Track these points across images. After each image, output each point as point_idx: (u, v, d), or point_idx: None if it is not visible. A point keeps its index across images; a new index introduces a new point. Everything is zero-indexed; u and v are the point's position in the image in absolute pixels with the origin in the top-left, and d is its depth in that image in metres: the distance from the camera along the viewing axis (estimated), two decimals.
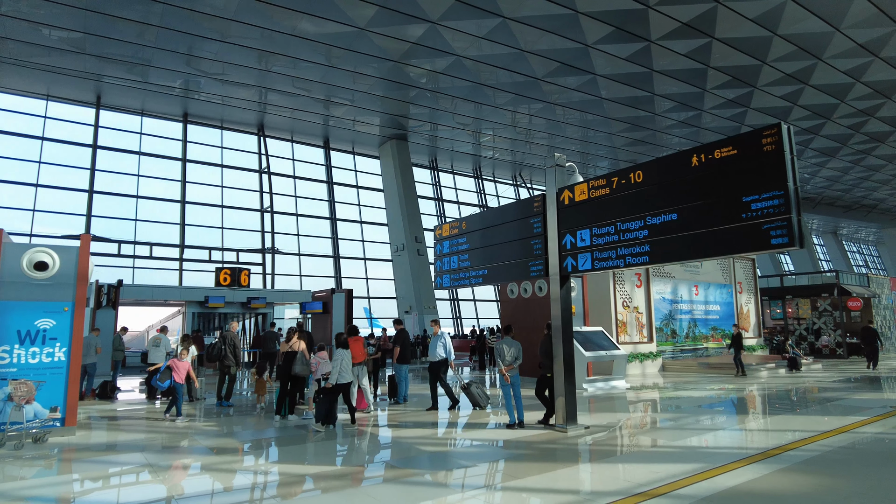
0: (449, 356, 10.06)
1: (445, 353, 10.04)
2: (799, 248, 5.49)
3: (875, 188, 39.25)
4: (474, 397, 9.91)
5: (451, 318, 31.28)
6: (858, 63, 20.47)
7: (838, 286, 20.89)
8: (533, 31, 17.70)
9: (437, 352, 10.04)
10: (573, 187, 7.80)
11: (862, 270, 52.67)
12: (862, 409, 9.48)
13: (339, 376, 8.27)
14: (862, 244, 59.93)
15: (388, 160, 29.19)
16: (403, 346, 10.60)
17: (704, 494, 5.01)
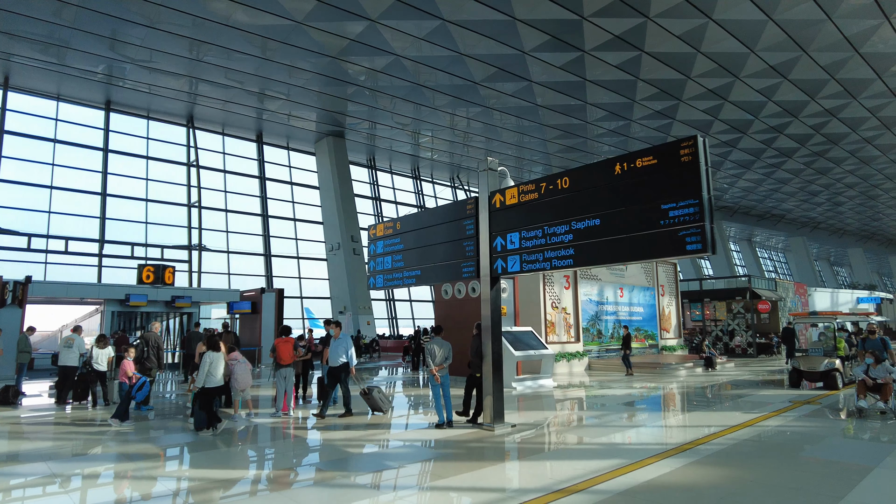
0: (350, 361, 9.39)
1: (347, 357, 9.36)
2: (711, 253, 5.84)
3: (784, 199, 42.28)
4: (375, 402, 9.37)
5: (386, 318, 31.14)
6: (770, 83, 22.01)
7: (750, 290, 22.38)
8: (471, 34, 17.91)
9: (338, 356, 9.32)
10: (504, 191, 7.96)
11: (772, 275, 56.59)
12: (765, 404, 10.18)
13: (206, 379, 7.98)
14: (772, 251, 64.40)
15: (324, 157, 28.70)
16: None
17: (622, 489, 5.23)
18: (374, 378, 16.75)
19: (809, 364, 12.26)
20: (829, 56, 19.90)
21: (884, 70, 21.17)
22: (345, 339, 9.51)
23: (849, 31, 18.28)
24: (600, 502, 4.87)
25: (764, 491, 5.21)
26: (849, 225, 53.48)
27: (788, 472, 5.87)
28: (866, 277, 62.45)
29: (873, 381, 8.90)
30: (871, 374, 8.99)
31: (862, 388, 8.98)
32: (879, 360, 9.10)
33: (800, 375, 12.32)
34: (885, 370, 8.87)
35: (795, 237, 55.07)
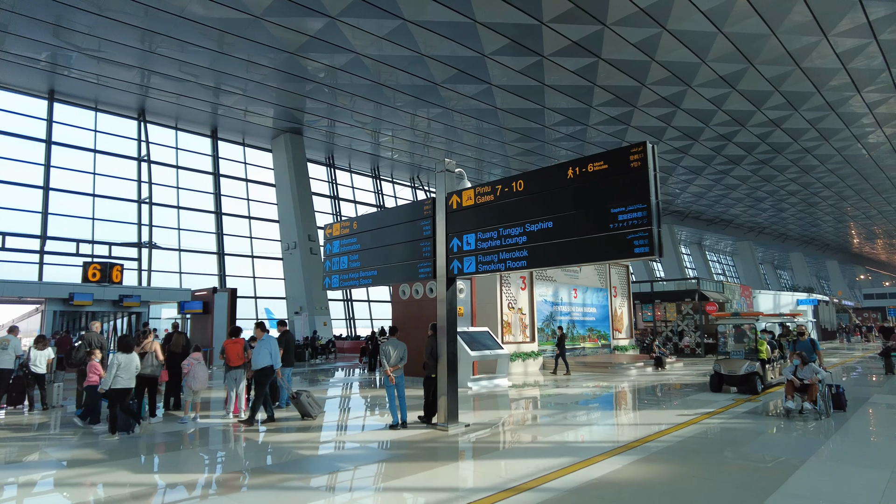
0: (275, 363, 8.92)
1: (271, 359, 8.90)
2: (658, 257, 6.04)
3: (732, 205, 43.99)
4: (303, 407, 8.98)
5: (344, 319, 30.85)
6: (720, 93, 22.87)
7: (699, 292, 23.19)
8: (433, 35, 17.95)
9: (260, 359, 8.83)
10: (461, 193, 8.02)
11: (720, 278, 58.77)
12: (711, 402, 10.57)
13: (113, 381, 7.78)
14: (721, 254, 66.91)
15: (281, 154, 28.21)
16: (287, 348, 10.28)
17: (571, 486, 5.35)
18: (329, 379, 16.58)
19: (730, 367, 11.76)
20: (773, 69, 20.83)
21: (822, 84, 22.30)
22: (267, 341, 8.98)
23: (791, 47, 19.18)
24: (550, 500, 4.97)
25: (709, 485, 5.43)
26: (791, 230, 56.08)
27: (730, 466, 6.13)
28: (806, 280, 65.60)
29: (800, 381, 8.99)
30: (799, 374, 9.07)
31: (790, 389, 9.07)
32: (806, 361, 9.19)
33: (720, 379, 11.87)
34: (812, 371, 8.96)
35: (742, 241, 57.37)
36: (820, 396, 8.83)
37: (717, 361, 12.25)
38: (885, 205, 45.66)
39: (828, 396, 9.01)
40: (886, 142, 29.97)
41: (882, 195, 42.23)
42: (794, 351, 10.40)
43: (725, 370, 11.75)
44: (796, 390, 9.03)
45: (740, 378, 11.54)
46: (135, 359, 8.07)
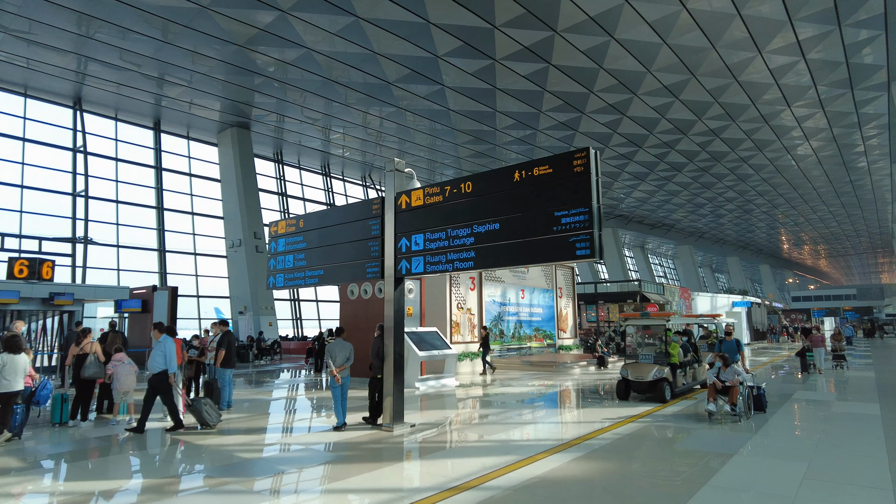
0: (169, 367, 8.15)
1: (165, 363, 8.15)
2: (598, 259, 6.22)
3: (673, 210, 45.74)
4: (201, 415, 8.27)
5: (290, 319, 30.26)
6: (664, 102, 23.74)
7: (641, 293, 23.99)
8: (386, 34, 17.85)
9: (155, 362, 8.16)
10: (410, 193, 8.02)
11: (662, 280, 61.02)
12: (649, 400, 10.94)
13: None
14: (662, 258, 69.44)
15: (227, 149, 27.39)
16: (228, 349, 10.00)
17: (513, 484, 5.44)
18: (274, 381, 16.24)
19: (638, 372, 10.78)
20: (713, 81, 21.79)
21: (757, 98, 23.50)
22: (162, 343, 8.26)
23: (729, 61, 20.12)
24: (491, 498, 5.04)
25: (647, 480, 5.64)
26: (728, 235, 58.82)
27: (663, 462, 6.38)
28: (741, 283, 68.95)
29: (722, 383, 8.92)
30: (721, 376, 8.98)
31: (712, 391, 8.95)
32: (728, 362, 9.08)
33: (627, 386, 10.93)
34: (734, 373, 8.89)
35: (683, 245, 59.72)
36: (741, 398, 8.76)
37: (625, 366, 11.18)
38: (812, 213, 48.56)
39: (748, 398, 8.98)
40: (813, 154, 31.86)
41: (809, 204, 44.88)
42: (718, 352, 10.05)
43: (633, 376, 10.79)
44: (718, 392, 8.94)
45: (648, 385, 10.59)
46: (21, 360, 7.56)
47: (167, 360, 8.16)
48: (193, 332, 17.58)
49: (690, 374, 11.90)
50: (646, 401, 10.62)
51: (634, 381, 10.72)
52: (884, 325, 46.31)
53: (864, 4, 17.05)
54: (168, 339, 8.39)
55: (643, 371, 10.72)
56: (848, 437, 7.43)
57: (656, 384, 10.53)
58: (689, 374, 11.83)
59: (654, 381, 10.53)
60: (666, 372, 10.64)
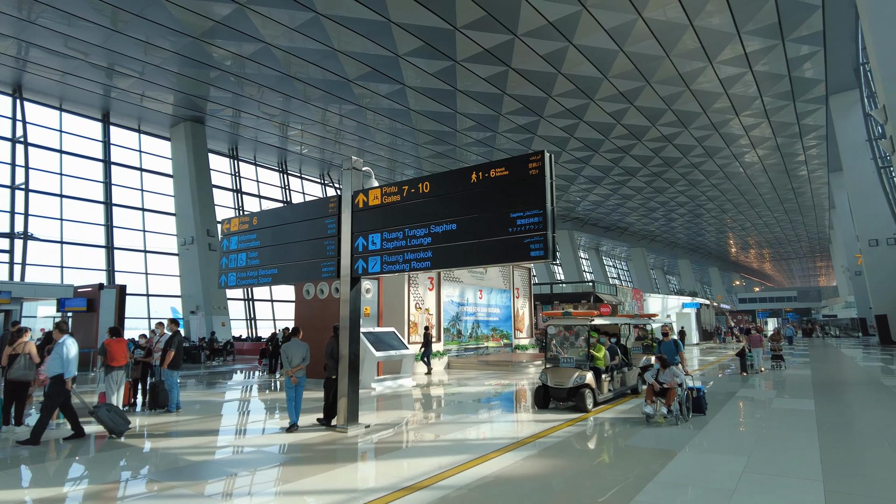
0: (66, 370, 7.43)
1: (62, 366, 7.44)
2: (552, 260, 6.34)
3: (627, 214, 46.97)
4: (105, 422, 7.62)
5: (244, 319, 29.61)
6: (619, 108, 24.36)
7: (594, 294, 24.52)
8: (346, 31, 17.69)
9: (51, 365, 7.52)
10: (368, 192, 7.97)
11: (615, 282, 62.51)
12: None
13: None
14: (616, 259, 71.16)
15: (180, 143, 26.59)
16: (178, 349, 9.70)
17: (464, 483, 5.47)
18: (227, 382, 15.86)
19: (558, 378, 9.69)
20: (667, 89, 22.50)
21: (708, 106, 24.39)
22: (61, 345, 7.55)
23: (682, 70, 20.81)
24: (444, 497, 5.06)
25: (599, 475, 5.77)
26: (679, 238, 60.77)
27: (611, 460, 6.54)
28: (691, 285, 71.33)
29: (660, 385, 8.63)
30: (660, 378, 8.69)
31: (649, 394, 8.64)
32: (667, 364, 8.80)
33: (546, 393, 9.90)
34: (672, 374, 8.61)
35: (636, 248, 61.37)
36: (678, 401, 8.53)
37: (545, 370, 10.06)
38: (757, 218, 50.71)
39: (687, 400, 8.78)
40: (759, 162, 33.29)
41: (755, 209, 46.85)
42: (658, 353, 9.82)
43: (552, 381, 9.73)
44: (656, 394, 8.66)
45: (568, 392, 9.58)
46: None
47: (64, 363, 7.46)
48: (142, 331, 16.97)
49: (619, 379, 11.01)
50: (567, 409, 9.73)
51: (554, 388, 9.72)
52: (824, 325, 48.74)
53: (805, 22, 17.93)
54: (69, 339, 7.68)
55: (563, 376, 9.69)
56: (784, 433, 7.80)
57: (577, 391, 9.53)
58: (618, 379, 10.96)
59: (575, 388, 9.54)
60: (588, 378, 9.61)
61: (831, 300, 68.41)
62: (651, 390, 8.66)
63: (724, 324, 45.39)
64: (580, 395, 9.42)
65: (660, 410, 8.69)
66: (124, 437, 7.73)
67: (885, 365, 18.07)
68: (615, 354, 11.29)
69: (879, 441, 7.27)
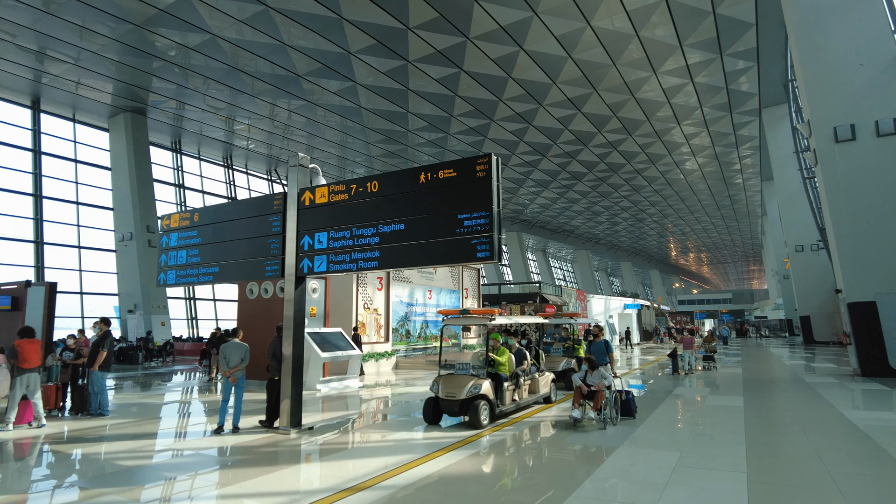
0: None
1: None
2: (497, 261, 6.44)
3: (573, 217, 48.12)
4: None
5: (185, 318, 28.60)
6: (567, 113, 24.94)
7: (540, 295, 25.00)
8: (296, 26, 17.39)
9: None
10: (314, 189, 7.87)
11: (561, 283, 63.91)
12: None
13: None
14: (562, 261, 72.79)
15: (119, 135, 25.42)
16: (109, 350, 9.27)
17: (406, 483, 5.49)
18: (165, 384, 15.29)
19: (450, 388, 8.20)
20: (613, 96, 23.20)
21: (651, 114, 25.29)
22: None
23: (628, 78, 21.51)
24: (387, 496, 5.06)
25: (541, 471, 5.90)
26: (622, 242, 62.72)
27: (552, 458, 6.71)
28: (633, 287, 73.73)
29: (588, 387, 8.33)
30: (588, 380, 8.42)
31: (577, 396, 8.28)
32: (595, 366, 8.52)
33: (437, 406, 8.41)
34: (600, 376, 8.35)
35: (581, 250, 62.97)
36: (607, 404, 8.19)
37: (437, 379, 8.57)
38: (696, 223, 52.96)
39: (615, 403, 8.48)
40: (698, 169, 34.77)
41: (694, 215, 48.91)
42: (587, 354, 9.35)
43: (444, 392, 8.23)
44: (584, 397, 8.31)
45: (461, 404, 8.14)
46: None
47: None
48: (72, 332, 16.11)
49: (527, 386, 9.76)
50: (462, 425, 8.33)
51: (445, 400, 8.21)
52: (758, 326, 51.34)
53: (741, 38, 18.87)
54: None
55: (456, 386, 8.18)
56: (715, 428, 8.19)
57: (471, 403, 8.12)
58: (526, 387, 9.71)
59: (470, 400, 8.15)
60: (484, 387, 8.21)
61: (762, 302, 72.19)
62: (579, 392, 8.32)
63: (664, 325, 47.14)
64: (473, 409, 8.03)
65: (587, 414, 8.32)
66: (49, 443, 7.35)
67: (806, 363, 19.22)
68: (523, 359, 9.92)
69: (798, 433, 7.75)
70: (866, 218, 13.85)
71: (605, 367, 8.80)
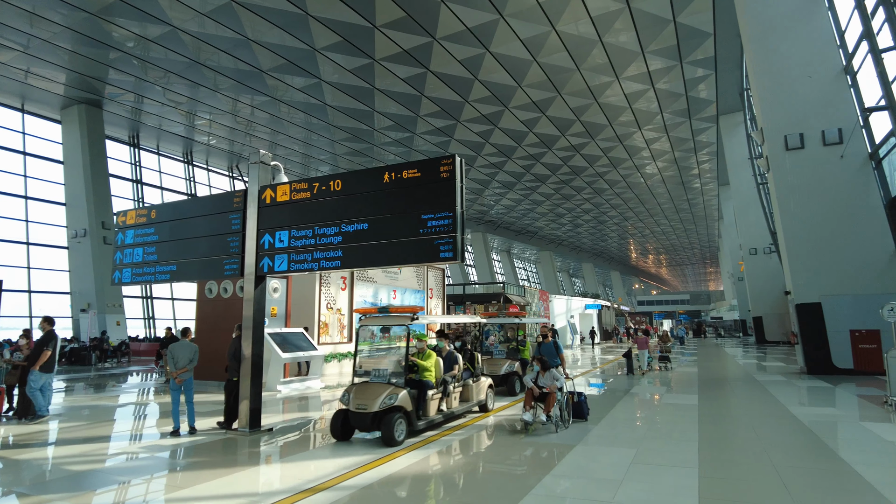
0: None
1: None
2: (460, 262, 6.49)
3: (537, 219, 48.73)
4: None
5: (142, 318, 27.79)
6: (532, 116, 25.24)
7: (504, 295, 25.24)
8: (261, 21, 17.10)
9: None
10: (276, 187, 7.78)
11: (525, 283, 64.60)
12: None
13: None
14: (526, 262, 73.59)
15: (73, 127, 24.50)
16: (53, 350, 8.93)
17: (366, 483, 5.49)
18: (121, 385, 14.83)
19: (361, 399, 7.10)
20: (576, 100, 23.59)
21: (614, 119, 25.83)
22: None
23: (591, 83, 21.92)
24: (346, 497, 5.05)
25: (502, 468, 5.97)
26: (584, 243, 63.80)
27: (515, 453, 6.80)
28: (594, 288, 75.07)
29: (540, 389, 8.12)
30: (539, 382, 8.18)
31: (528, 399, 8.04)
32: (547, 367, 8.25)
33: (346, 420, 7.31)
34: (552, 378, 8.10)
35: (545, 251, 63.78)
36: (558, 406, 7.97)
37: (349, 388, 7.41)
38: (656, 226, 54.30)
39: (567, 405, 8.23)
40: (658, 173, 35.67)
41: (653, 218, 50.14)
42: (537, 355, 9.00)
43: (355, 404, 7.10)
44: (535, 399, 8.09)
45: (373, 418, 7.04)
46: None
47: None
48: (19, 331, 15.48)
49: (457, 394, 8.76)
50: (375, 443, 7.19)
51: (355, 413, 7.09)
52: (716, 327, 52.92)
53: (700, 47, 19.45)
54: None
55: (369, 396, 7.10)
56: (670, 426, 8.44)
57: (384, 417, 7.01)
58: (456, 395, 8.73)
59: (383, 413, 7.05)
60: (401, 398, 7.17)
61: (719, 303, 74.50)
62: (530, 395, 8.08)
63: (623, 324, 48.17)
64: (387, 423, 6.92)
65: (539, 417, 8.04)
66: None
67: (758, 362, 19.96)
68: (453, 364, 8.77)
69: (747, 429, 8.06)
70: (813, 223, 14.48)
71: (556, 369, 8.48)
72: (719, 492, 5.17)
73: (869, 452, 6.59)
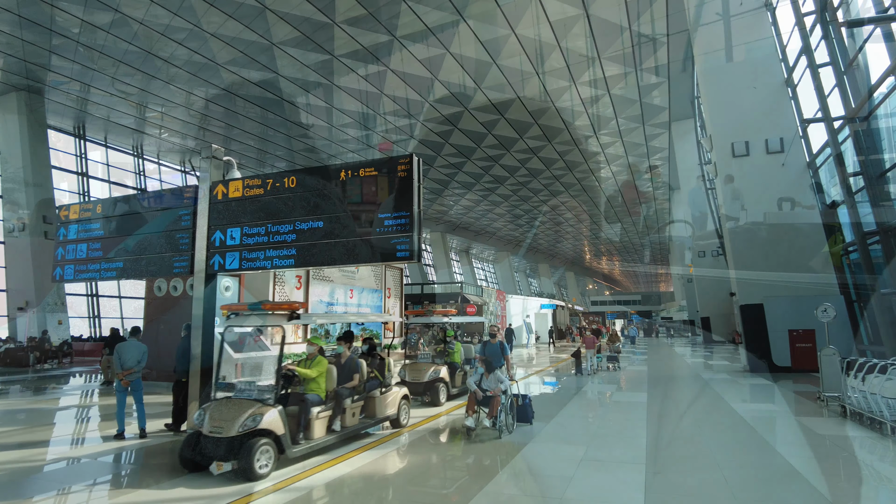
0: None
1: None
2: (416, 262, 6.50)
3: (495, 220, 49.15)
4: None
5: (87, 317, 26.64)
6: (491, 118, 25.44)
7: (462, 295, 25.37)
8: (216, 12, 16.63)
9: None
10: (228, 183, 7.59)
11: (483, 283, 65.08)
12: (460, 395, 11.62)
13: None
14: (485, 262, 74.15)
15: (11, 116, 23.23)
16: None
17: (320, 483, 5.44)
18: (62, 387, 14.18)
19: (217, 420, 5.76)
20: (534, 103, 23.91)
21: (570, 123, 26.30)
22: None
23: (549, 87, 22.26)
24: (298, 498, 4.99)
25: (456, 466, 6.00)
26: (540, 245, 64.76)
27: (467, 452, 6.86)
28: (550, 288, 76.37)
29: (484, 392, 7.83)
30: (484, 385, 7.90)
31: (471, 403, 7.76)
32: (492, 368, 7.94)
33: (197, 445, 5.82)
34: (497, 380, 7.82)
35: (502, 252, 64.44)
36: (503, 410, 7.61)
37: (205, 407, 6.09)
38: (609, 228, 55.60)
39: (511, 409, 7.90)
40: (612, 177, 36.53)
41: (607, 221, 51.33)
42: (482, 355, 8.67)
43: (210, 426, 5.76)
44: (479, 403, 7.79)
45: (228, 444, 5.62)
46: None
47: None
48: None
49: (357, 409, 7.56)
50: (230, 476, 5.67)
51: (209, 437, 5.73)
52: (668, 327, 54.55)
53: (654, 54, 20.03)
54: None
55: (226, 417, 5.77)
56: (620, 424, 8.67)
57: (242, 444, 5.65)
58: (356, 409, 7.52)
59: (245, 437, 5.69)
60: (269, 418, 5.82)
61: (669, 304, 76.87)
62: (473, 399, 7.77)
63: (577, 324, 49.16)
64: (246, 451, 5.54)
65: (482, 422, 7.81)
66: None
67: (705, 361, 20.72)
68: (352, 372, 7.59)
69: (692, 425, 8.37)
70: (757, 227, 15.15)
71: (500, 370, 8.14)
72: (664, 486, 5.35)
73: (802, 445, 6.95)
